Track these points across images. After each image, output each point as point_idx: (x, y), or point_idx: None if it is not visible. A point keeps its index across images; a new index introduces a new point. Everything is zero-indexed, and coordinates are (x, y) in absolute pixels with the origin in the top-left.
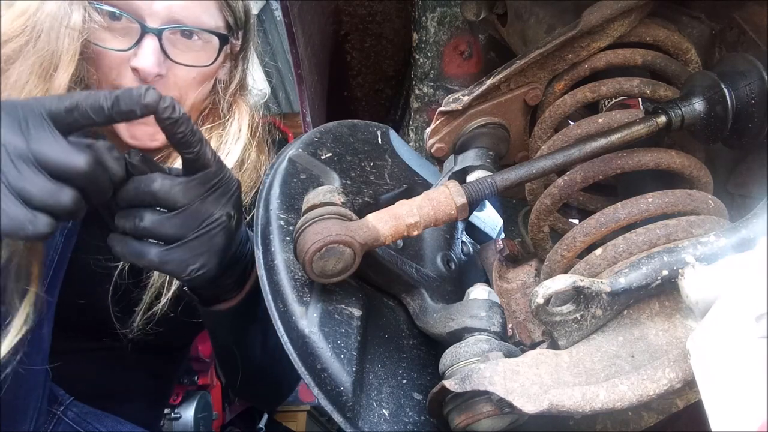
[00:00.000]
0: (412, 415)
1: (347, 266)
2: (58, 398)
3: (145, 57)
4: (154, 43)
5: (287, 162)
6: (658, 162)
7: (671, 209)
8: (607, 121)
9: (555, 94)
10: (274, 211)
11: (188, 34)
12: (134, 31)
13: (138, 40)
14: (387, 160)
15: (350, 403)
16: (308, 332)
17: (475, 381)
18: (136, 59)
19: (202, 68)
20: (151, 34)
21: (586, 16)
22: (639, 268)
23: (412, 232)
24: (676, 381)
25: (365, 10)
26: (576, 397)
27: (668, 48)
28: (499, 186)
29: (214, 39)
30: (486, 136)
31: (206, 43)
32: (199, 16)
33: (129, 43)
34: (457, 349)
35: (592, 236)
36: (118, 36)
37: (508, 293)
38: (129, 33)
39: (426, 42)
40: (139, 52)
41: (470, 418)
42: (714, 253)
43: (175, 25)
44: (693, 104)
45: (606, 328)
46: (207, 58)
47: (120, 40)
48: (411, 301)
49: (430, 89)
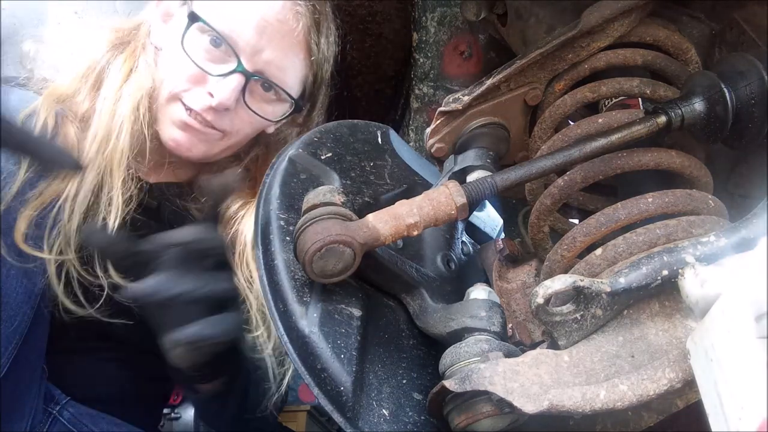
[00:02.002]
0: (412, 415)
1: (347, 266)
2: (54, 397)
3: (227, 90)
4: (239, 82)
5: (287, 162)
6: (658, 162)
7: (671, 209)
8: (607, 121)
9: (555, 94)
10: (274, 211)
11: (269, 87)
12: (228, 62)
13: (229, 73)
14: (387, 160)
15: (350, 403)
16: (308, 332)
17: (475, 381)
18: (217, 87)
19: (264, 120)
20: (242, 73)
21: (586, 16)
22: (639, 268)
23: (412, 232)
24: (676, 381)
25: (365, 10)
26: (576, 397)
27: (668, 48)
28: (499, 186)
29: (287, 102)
30: (486, 136)
31: (279, 101)
32: (286, 79)
33: (218, 70)
34: (457, 349)
35: (592, 236)
36: (210, 60)
37: (508, 293)
38: (221, 62)
39: (426, 42)
40: (223, 83)
41: (470, 418)
42: (714, 253)
43: (264, 78)
44: (693, 104)
45: (606, 328)
46: (273, 114)
47: (210, 64)
48: (411, 301)
49: (430, 89)
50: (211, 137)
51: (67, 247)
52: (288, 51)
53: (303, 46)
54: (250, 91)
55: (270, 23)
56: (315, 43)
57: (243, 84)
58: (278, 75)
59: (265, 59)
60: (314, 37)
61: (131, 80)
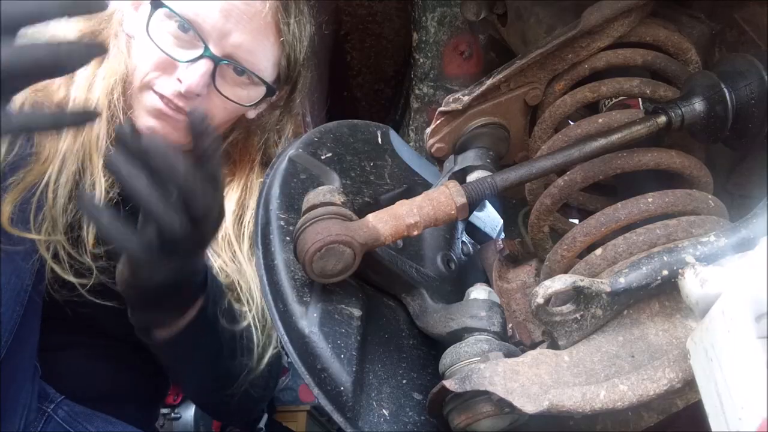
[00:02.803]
0: (412, 415)
1: (347, 266)
2: (48, 396)
3: (195, 75)
4: (208, 67)
5: (287, 162)
6: (658, 162)
7: (671, 209)
8: (607, 121)
9: (555, 94)
10: (274, 211)
11: (241, 71)
12: (196, 48)
13: (196, 58)
14: (387, 160)
15: (350, 403)
16: (308, 332)
17: (475, 381)
18: (186, 73)
19: (238, 105)
20: (210, 59)
21: (586, 16)
22: (639, 268)
23: (412, 232)
24: (676, 381)
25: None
26: (576, 397)
27: (668, 48)
28: (499, 186)
29: (261, 86)
30: (486, 136)
31: (252, 85)
32: (257, 63)
33: (187, 55)
34: (457, 349)
35: (592, 236)
36: (178, 46)
37: (508, 293)
38: (190, 47)
39: (426, 42)
40: (192, 69)
41: (470, 418)
42: (714, 253)
43: (233, 62)
44: (693, 104)
45: (606, 328)
46: (247, 99)
47: (178, 50)
48: (411, 301)
49: (430, 89)
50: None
51: (55, 229)
52: (257, 34)
53: (272, 27)
54: (221, 76)
55: (236, 6)
56: (285, 23)
57: (212, 69)
58: (248, 59)
59: (233, 43)
60: (283, 17)
61: (103, 67)
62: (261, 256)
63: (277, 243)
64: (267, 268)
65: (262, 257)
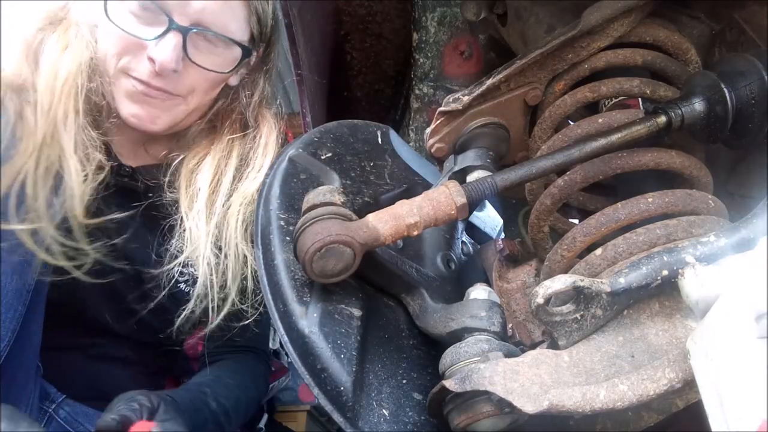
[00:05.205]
0: (412, 415)
1: (347, 266)
2: (50, 395)
3: (166, 51)
4: (177, 40)
5: (287, 162)
6: (658, 162)
7: (671, 209)
8: (607, 121)
9: (555, 94)
10: (274, 211)
11: (212, 38)
12: (161, 23)
13: (162, 33)
14: (387, 160)
15: (350, 403)
16: (308, 332)
17: (475, 381)
18: (156, 50)
19: (217, 73)
20: (177, 30)
21: (586, 16)
22: (639, 268)
23: (412, 232)
24: (676, 381)
25: (365, 10)
26: (576, 397)
27: (668, 48)
28: (499, 186)
29: (236, 49)
30: (486, 136)
31: (227, 50)
32: (227, 24)
33: (153, 33)
34: (457, 349)
35: (592, 236)
36: (143, 24)
37: (508, 293)
38: (155, 23)
39: (426, 42)
40: (161, 45)
41: (470, 418)
42: (714, 253)
43: (202, 29)
44: (693, 104)
45: (606, 328)
46: (225, 65)
47: (144, 28)
48: (411, 301)
49: (430, 89)
50: (170, 104)
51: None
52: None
53: None
54: (193, 47)
55: None
56: None
57: (182, 41)
58: (216, 22)
59: (196, 9)
60: None
61: (67, 53)
62: (261, 256)
63: (277, 243)
64: (267, 268)
65: (262, 257)
